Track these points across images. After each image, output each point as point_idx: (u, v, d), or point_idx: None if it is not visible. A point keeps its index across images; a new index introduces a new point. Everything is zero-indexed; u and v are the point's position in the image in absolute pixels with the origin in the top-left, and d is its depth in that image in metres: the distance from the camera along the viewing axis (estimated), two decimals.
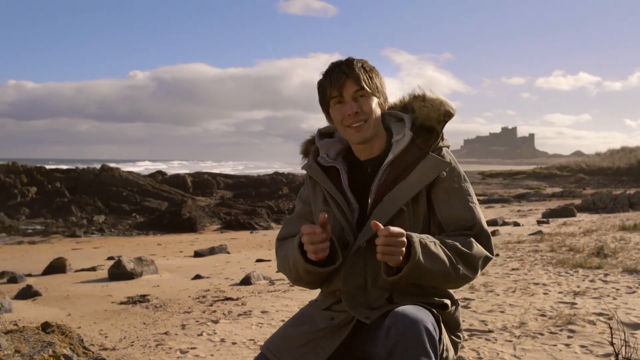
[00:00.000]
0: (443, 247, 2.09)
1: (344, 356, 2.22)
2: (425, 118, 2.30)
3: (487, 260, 2.19)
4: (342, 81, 2.21)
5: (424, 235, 2.08)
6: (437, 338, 1.96)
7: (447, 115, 2.30)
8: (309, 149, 2.48)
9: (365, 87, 2.21)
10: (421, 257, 1.99)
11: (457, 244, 2.12)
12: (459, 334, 2.34)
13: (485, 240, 2.20)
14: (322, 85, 2.28)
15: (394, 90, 2.47)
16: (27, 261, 12.48)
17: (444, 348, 2.12)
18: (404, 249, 1.97)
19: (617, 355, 3.33)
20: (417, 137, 2.27)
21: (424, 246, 2.02)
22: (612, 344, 3.36)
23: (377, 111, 2.27)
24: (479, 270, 2.17)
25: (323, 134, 2.46)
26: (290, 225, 2.47)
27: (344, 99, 2.23)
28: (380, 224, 1.95)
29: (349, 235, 2.25)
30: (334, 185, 2.31)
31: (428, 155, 2.23)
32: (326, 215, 2.08)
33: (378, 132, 2.30)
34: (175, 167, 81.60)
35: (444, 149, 2.30)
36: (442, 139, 2.31)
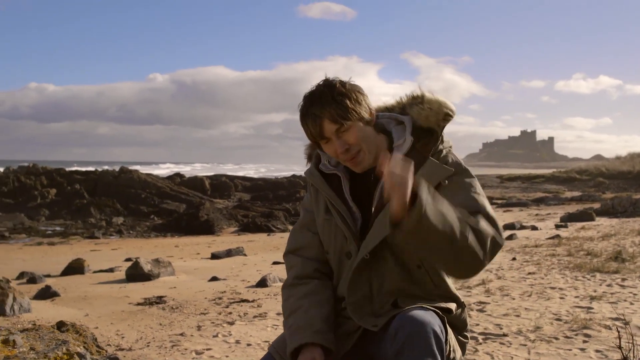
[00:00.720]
0: (452, 210, 1.90)
1: (351, 357, 2.22)
2: (424, 121, 2.24)
3: (495, 244, 2.00)
4: (319, 125, 2.13)
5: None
6: (443, 340, 1.96)
7: (447, 117, 2.23)
8: (313, 153, 2.42)
9: (343, 121, 2.11)
10: (429, 208, 1.79)
11: (466, 218, 1.96)
12: (466, 334, 2.33)
13: (492, 224, 2.03)
14: (304, 129, 2.20)
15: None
16: (47, 262, 12.59)
17: (451, 349, 2.12)
18: (409, 189, 1.77)
19: (625, 358, 3.32)
20: (417, 141, 2.21)
21: (433, 201, 1.83)
22: (620, 347, 3.35)
23: (367, 132, 2.19)
24: (488, 253, 1.98)
25: None
26: (295, 236, 2.42)
27: (329, 139, 2.15)
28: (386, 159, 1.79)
29: (352, 245, 2.22)
30: (335, 194, 2.27)
31: (428, 160, 2.17)
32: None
33: (377, 146, 2.23)
34: (197, 170, 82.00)
35: (445, 151, 2.23)
36: (442, 141, 2.24)
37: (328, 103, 2.11)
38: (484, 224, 1.99)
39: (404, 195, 1.77)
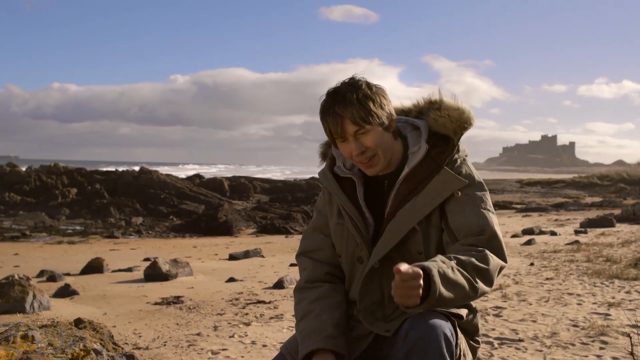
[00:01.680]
0: (460, 269, 1.96)
1: (362, 359, 2.23)
2: (441, 128, 2.22)
3: (501, 269, 2.09)
4: (339, 124, 2.11)
5: (440, 261, 1.94)
6: (454, 343, 1.97)
7: (466, 126, 2.22)
8: (327, 152, 2.41)
9: (364, 124, 2.11)
10: (441, 289, 1.86)
11: (473, 259, 2.01)
12: (477, 339, 2.34)
13: (497, 247, 2.09)
14: (322, 124, 2.20)
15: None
16: (66, 261, 12.71)
17: (461, 353, 2.13)
18: (420, 290, 1.82)
19: None
20: (432, 148, 2.20)
21: (443, 276, 1.89)
22: (632, 354, 3.33)
23: (385, 137, 2.18)
24: (493, 284, 2.08)
25: None
26: (308, 238, 2.42)
27: (347, 139, 2.15)
28: (401, 268, 1.80)
29: (364, 251, 2.22)
30: (348, 199, 2.26)
31: (442, 169, 2.15)
32: None
33: (392, 152, 2.22)
34: (222, 171, 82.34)
35: (460, 160, 2.21)
36: (458, 150, 2.22)
37: (352, 103, 2.10)
38: (492, 261, 2.05)
39: (415, 302, 1.84)
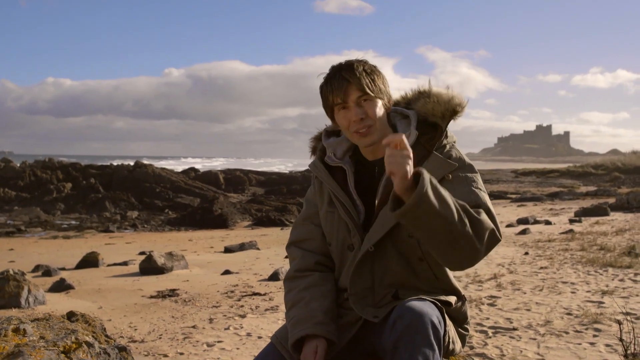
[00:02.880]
0: (453, 199, 1.92)
1: (350, 349, 2.25)
2: (429, 114, 2.26)
3: (493, 237, 2.03)
4: (345, 88, 2.16)
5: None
6: (441, 331, 1.98)
7: (454, 111, 2.25)
8: (317, 146, 2.45)
9: (369, 91, 2.16)
10: (429, 191, 1.81)
11: (466, 204, 1.98)
12: (466, 327, 2.35)
13: (491, 219, 2.04)
14: (324, 92, 2.23)
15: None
16: (62, 255, 12.70)
17: (450, 340, 2.14)
18: (410, 163, 1.82)
19: (626, 351, 3.33)
20: (422, 136, 2.23)
21: (434, 186, 1.85)
22: (621, 340, 3.36)
23: (382, 113, 2.22)
24: (484, 245, 1.99)
25: (329, 132, 2.43)
26: (298, 228, 2.45)
27: (347, 105, 2.19)
28: (390, 138, 1.83)
29: (355, 237, 2.24)
30: (339, 187, 2.29)
31: (432, 154, 2.19)
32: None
33: (384, 132, 2.24)
34: (224, 164, 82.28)
35: (448, 146, 2.24)
36: (447, 136, 2.25)
37: (359, 72, 2.17)
38: (484, 216, 2.01)
39: (405, 172, 1.81)
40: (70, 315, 2.76)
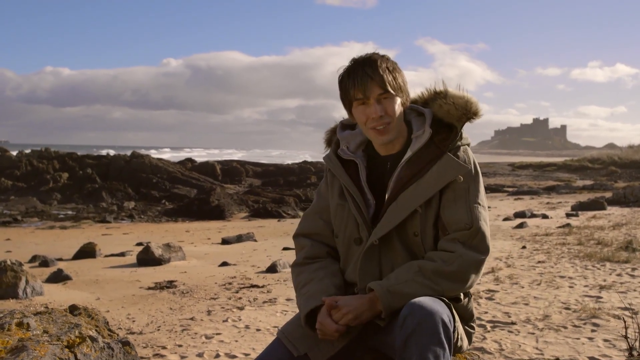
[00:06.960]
0: (420, 277, 2.13)
1: (356, 345, 2.25)
2: (445, 115, 2.27)
3: (478, 265, 2.17)
4: (367, 84, 2.17)
5: (393, 277, 2.15)
6: (451, 329, 1.98)
7: (472, 115, 2.27)
8: (332, 138, 2.47)
9: (390, 89, 2.18)
10: (389, 297, 2.10)
11: (440, 263, 2.14)
12: (472, 324, 2.36)
13: (479, 241, 2.17)
14: (344, 85, 2.24)
15: (428, 80, 2.44)
16: (59, 246, 12.69)
17: (459, 337, 2.16)
18: (349, 315, 2.12)
19: (631, 349, 3.33)
20: (436, 135, 2.25)
21: (393, 293, 2.10)
22: (625, 337, 3.36)
23: (400, 111, 2.24)
24: (471, 279, 2.18)
25: (345, 125, 2.44)
26: (307, 220, 2.47)
27: (368, 101, 2.19)
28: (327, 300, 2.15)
29: (364, 231, 2.26)
30: (351, 180, 2.30)
31: (445, 155, 2.20)
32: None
33: (400, 129, 2.27)
34: (230, 154, 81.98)
35: (462, 148, 2.25)
36: (462, 137, 2.27)
37: (382, 69, 2.18)
38: (460, 262, 2.15)
39: (367, 318, 2.16)
40: (73, 309, 2.76)
